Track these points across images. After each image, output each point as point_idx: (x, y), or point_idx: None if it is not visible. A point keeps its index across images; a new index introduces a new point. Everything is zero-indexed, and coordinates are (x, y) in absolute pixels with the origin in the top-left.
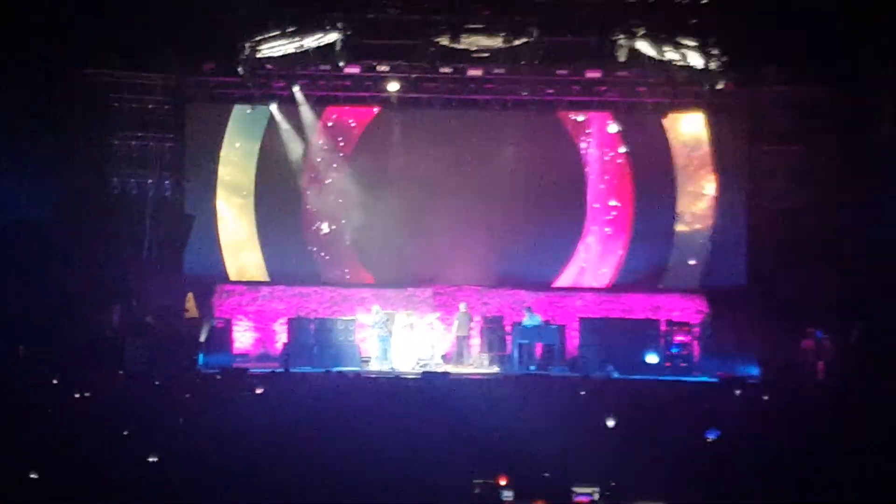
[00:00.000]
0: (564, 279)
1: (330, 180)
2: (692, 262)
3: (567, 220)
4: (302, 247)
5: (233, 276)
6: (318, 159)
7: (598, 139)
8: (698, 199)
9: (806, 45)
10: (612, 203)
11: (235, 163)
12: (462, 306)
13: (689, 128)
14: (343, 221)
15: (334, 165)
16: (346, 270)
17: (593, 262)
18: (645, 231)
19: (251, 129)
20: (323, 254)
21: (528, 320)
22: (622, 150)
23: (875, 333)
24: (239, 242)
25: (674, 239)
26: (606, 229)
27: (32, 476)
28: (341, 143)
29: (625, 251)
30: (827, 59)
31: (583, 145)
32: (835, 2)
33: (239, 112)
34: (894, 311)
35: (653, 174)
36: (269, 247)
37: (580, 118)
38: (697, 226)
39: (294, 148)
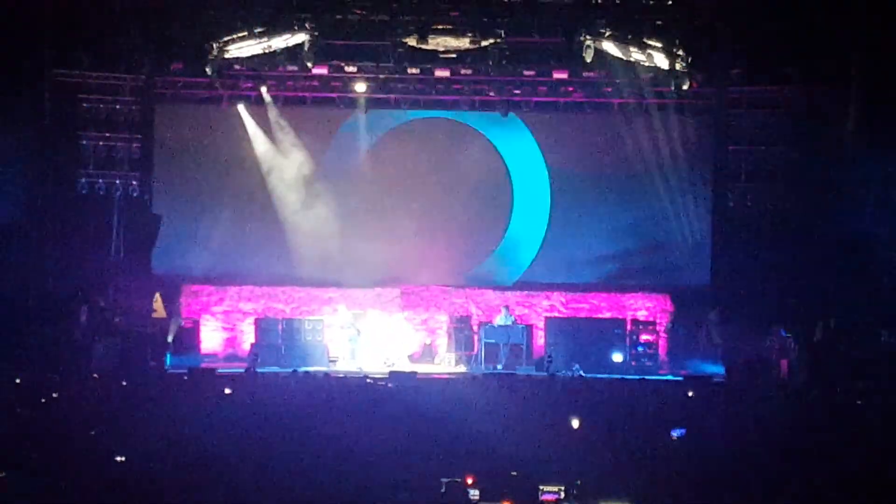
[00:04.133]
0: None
1: (297, 181)
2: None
3: None
4: (269, 246)
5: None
6: (285, 160)
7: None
8: (662, 199)
9: (770, 45)
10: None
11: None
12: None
13: (651, 127)
14: (310, 222)
15: (303, 166)
16: (314, 271)
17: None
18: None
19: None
20: (290, 254)
21: (501, 319)
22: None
23: (838, 332)
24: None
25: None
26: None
27: (0, 475)
28: (309, 145)
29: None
30: (791, 59)
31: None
32: (798, 1)
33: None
34: (858, 310)
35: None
36: (239, 246)
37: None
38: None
39: (261, 148)
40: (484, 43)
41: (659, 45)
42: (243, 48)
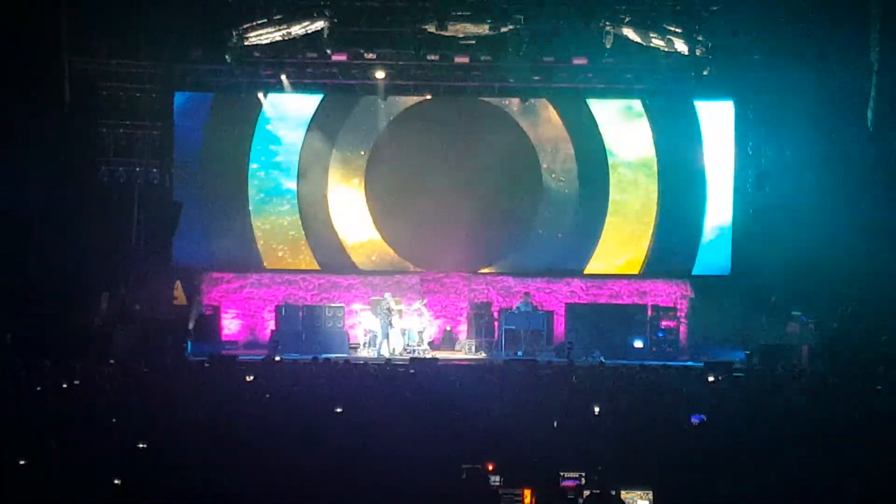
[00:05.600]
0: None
1: (319, 168)
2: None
3: None
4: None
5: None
6: (306, 147)
7: None
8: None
9: (791, 31)
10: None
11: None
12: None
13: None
14: (332, 208)
15: (322, 153)
16: (334, 257)
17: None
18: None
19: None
20: (310, 240)
21: (521, 305)
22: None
23: (859, 317)
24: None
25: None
26: None
27: (21, 463)
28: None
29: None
30: (811, 45)
31: None
32: None
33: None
34: (878, 295)
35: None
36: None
37: None
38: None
39: (282, 135)
40: (503, 29)
41: (679, 30)
42: (263, 35)
